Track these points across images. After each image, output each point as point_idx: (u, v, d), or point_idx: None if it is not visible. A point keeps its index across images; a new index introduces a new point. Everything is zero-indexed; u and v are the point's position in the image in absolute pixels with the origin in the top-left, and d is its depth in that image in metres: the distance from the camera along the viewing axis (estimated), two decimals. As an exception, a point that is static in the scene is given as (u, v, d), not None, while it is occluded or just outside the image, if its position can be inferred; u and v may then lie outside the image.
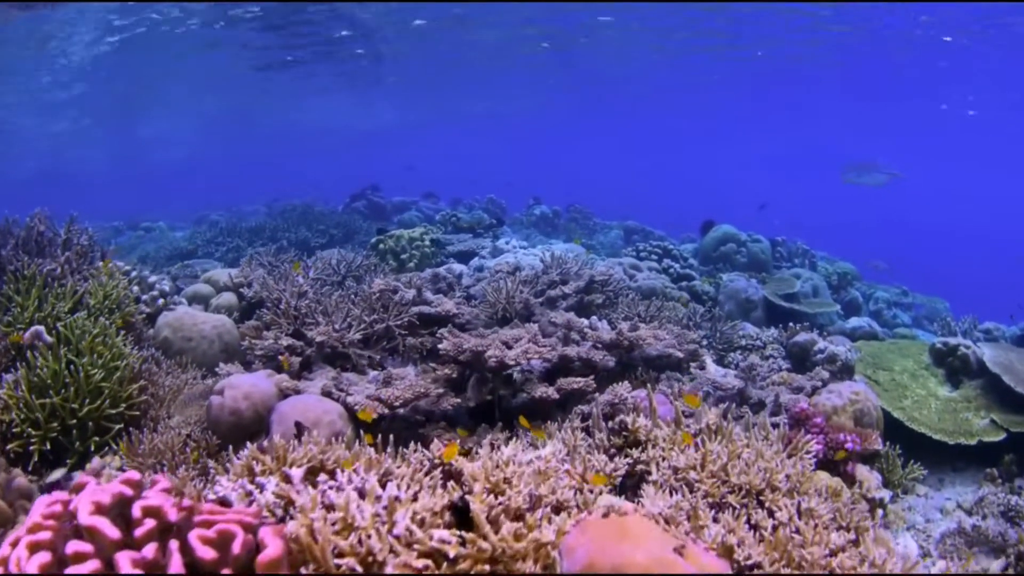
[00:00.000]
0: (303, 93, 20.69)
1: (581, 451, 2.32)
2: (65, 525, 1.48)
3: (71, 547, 1.39)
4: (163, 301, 4.89)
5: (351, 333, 4.03)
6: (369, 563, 1.43)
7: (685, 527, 1.94)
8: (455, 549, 1.46)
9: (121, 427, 3.29)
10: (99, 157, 35.82)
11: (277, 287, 4.49)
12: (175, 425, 3.27)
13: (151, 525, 1.37)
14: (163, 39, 13.17)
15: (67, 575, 1.33)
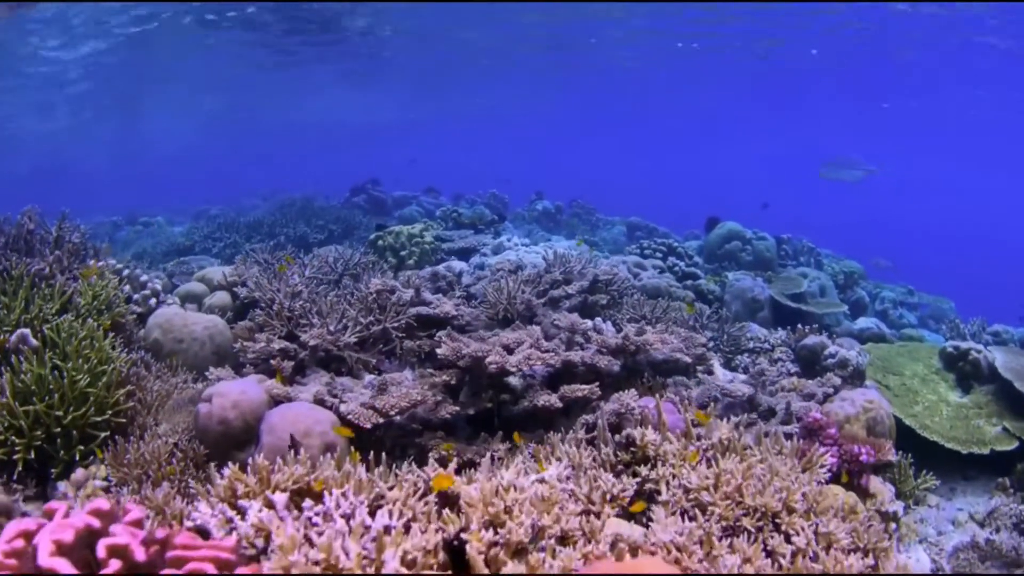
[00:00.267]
0: (304, 89, 20.54)
1: (587, 469, 2.20)
2: (27, 564, 1.36)
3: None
4: (155, 301, 4.76)
5: (346, 336, 3.90)
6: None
7: (699, 555, 1.82)
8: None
9: (107, 435, 3.17)
10: (99, 152, 35.73)
11: (270, 287, 4.35)
12: (163, 433, 3.14)
13: (116, 567, 1.24)
14: (162, 36, 13.02)
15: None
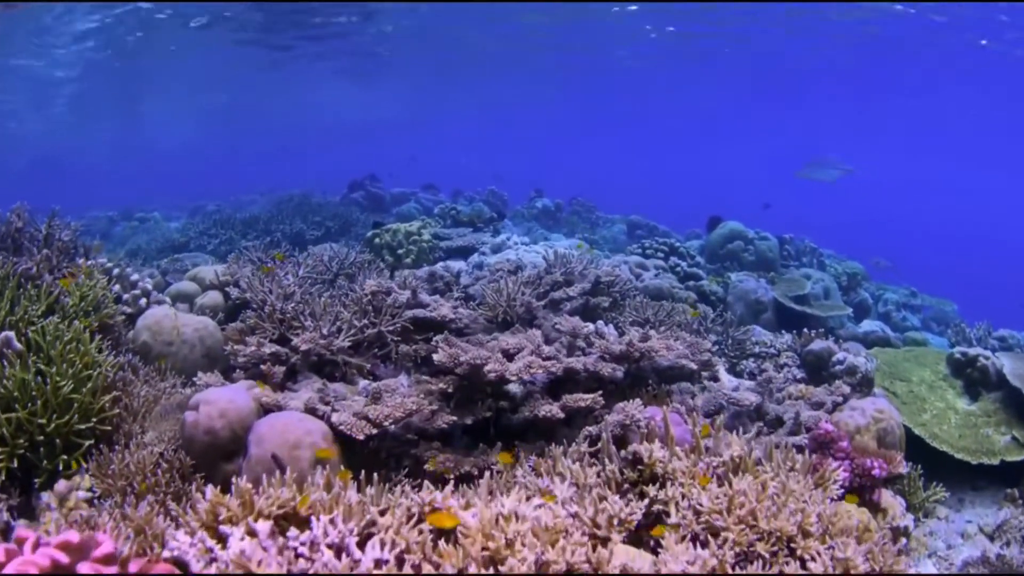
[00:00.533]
0: (304, 86, 20.39)
1: (592, 490, 2.08)
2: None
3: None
4: (145, 301, 4.62)
5: (340, 339, 3.78)
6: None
7: (711, 587, 1.70)
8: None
9: (91, 443, 3.04)
10: (97, 148, 35.54)
11: (262, 288, 4.21)
12: (149, 442, 3.02)
13: (78, 613, 1.13)
14: (161, 33, 12.88)
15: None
